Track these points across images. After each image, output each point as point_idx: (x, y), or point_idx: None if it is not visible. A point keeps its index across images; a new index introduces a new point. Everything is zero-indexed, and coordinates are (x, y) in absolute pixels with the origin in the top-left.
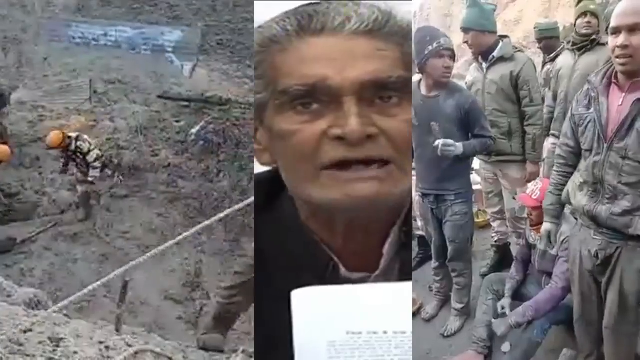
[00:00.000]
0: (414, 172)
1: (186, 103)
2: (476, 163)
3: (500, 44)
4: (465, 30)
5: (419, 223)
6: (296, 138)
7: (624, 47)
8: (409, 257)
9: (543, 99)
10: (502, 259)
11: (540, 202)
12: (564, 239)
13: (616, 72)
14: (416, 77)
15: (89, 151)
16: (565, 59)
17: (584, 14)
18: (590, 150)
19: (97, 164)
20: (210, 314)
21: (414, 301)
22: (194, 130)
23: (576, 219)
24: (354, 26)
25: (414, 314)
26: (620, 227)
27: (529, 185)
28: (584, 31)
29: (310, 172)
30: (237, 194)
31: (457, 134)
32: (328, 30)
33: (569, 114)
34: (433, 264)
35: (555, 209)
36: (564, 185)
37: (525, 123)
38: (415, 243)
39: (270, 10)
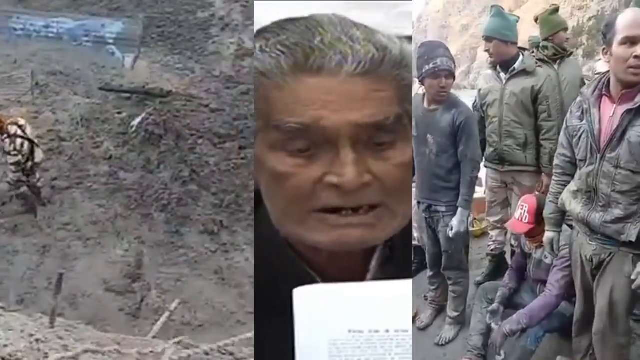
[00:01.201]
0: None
1: (127, 95)
2: (482, 173)
3: (522, 57)
4: (488, 38)
5: (415, 232)
6: (289, 182)
7: None
8: (393, 269)
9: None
10: (498, 268)
11: (532, 224)
12: (559, 248)
13: (607, 84)
14: (420, 90)
15: (9, 153)
16: (544, 70)
17: (564, 29)
18: (584, 160)
19: (13, 168)
20: None
21: None
22: (135, 122)
23: (570, 226)
24: (351, 68)
25: None
26: (612, 233)
27: (516, 211)
28: (564, 45)
29: (300, 214)
30: (177, 185)
31: (451, 148)
32: (325, 71)
33: (564, 125)
34: (428, 272)
35: (556, 217)
36: None
37: (542, 137)
38: None
39: (270, 9)
